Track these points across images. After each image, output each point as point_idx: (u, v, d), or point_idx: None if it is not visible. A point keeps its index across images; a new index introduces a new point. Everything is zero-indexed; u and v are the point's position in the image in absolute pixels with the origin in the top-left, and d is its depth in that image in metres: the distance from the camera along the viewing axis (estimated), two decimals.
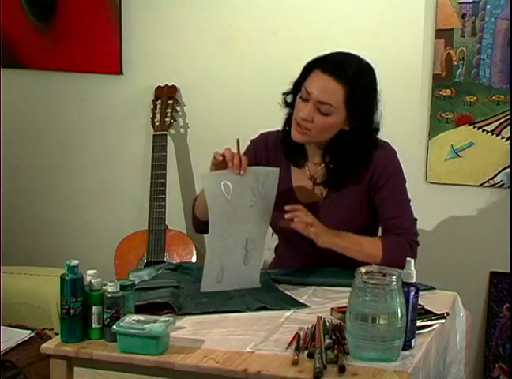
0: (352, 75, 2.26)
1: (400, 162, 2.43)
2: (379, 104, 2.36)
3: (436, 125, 3.14)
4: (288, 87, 2.39)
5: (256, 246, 2.26)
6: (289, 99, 2.40)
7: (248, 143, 2.50)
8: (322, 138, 2.34)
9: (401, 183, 2.42)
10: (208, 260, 2.22)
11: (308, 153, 2.43)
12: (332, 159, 2.37)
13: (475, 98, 3.08)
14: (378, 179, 2.36)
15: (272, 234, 2.61)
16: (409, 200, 2.43)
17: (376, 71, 2.35)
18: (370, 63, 2.35)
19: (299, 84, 2.33)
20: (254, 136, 2.53)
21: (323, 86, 2.26)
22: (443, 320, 2.06)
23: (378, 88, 2.35)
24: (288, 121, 2.41)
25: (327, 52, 2.34)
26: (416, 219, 2.42)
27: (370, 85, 2.33)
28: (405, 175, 2.46)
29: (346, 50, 2.35)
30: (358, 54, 2.35)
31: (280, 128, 2.46)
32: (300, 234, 2.39)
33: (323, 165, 2.41)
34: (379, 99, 2.35)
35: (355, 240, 2.31)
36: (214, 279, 2.23)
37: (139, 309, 1.96)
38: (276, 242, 2.62)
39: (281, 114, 2.44)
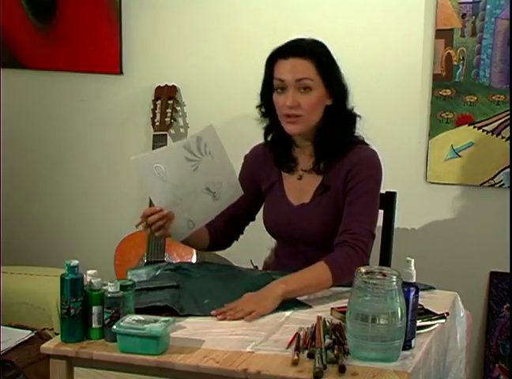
0: (310, 48, 2.33)
1: (381, 175, 2.39)
2: (343, 77, 2.40)
3: (436, 125, 3.14)
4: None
5: (224, 182, 2.28)
6: (264, 109, 2.44)
7: (244, 148, 2.56)
8: (314, 119, 2.36)
9: (369, 192, 2.35)
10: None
11: (298, 150, 2.45)
12: (322, 140, 2.38)
13: (475, 98, 3.08)
14: (350, 181, 2.34)
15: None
16: (372, 212, 2.36)
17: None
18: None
19: (267, 85, 2.39)
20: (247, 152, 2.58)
21: (293, 67, 2.32)
22: (443, 320, 2.06)
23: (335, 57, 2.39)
24: (267, 133, 2.47)
25: None
26: (370, 232, 2.32)
27: (329, 54, 2.38)
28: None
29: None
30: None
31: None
32: (299, 237, 2.40)
33: (314, 158, 2.42)
34: (341, 71, 2.40)
35: (301, 277, 2.20)
36: (185, 229, 2.28)
37: (139, 312, 1.95)
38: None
39: None
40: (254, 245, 2.61)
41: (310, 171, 2.42)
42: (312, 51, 2.32)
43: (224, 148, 2.27)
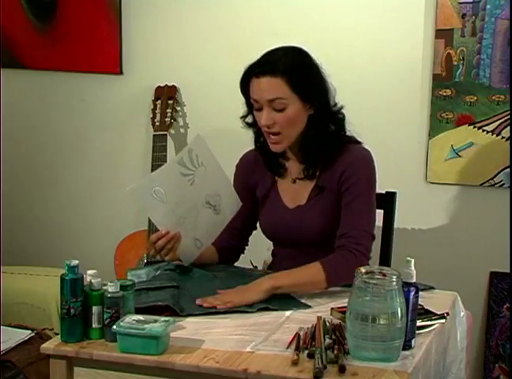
0: (282, 64, 2.27)
1: (376, 175, 2.37)
2: (326, 77, 2.35)
3: (436, 125, 3.14)
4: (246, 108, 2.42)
5: (222, 193, 2.30)
6: (249, 119, 2.43)
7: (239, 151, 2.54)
8: (295, 133, 2.33)
9: (366, 192, 2.34)
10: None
11: (289, 157, 2.43)
12: (308, 148, 2.36)
13: (475, 98, 3.08)
14: (344, 182, 2.34)
15: None
16: (370, 212, 2.35)
17: (306, 49, 2.35)
18: (298, 46, 2.36)
19: (248, 101, 2.37)
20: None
21: (264, 87, 2.27)
22: (443, 320, 2.06)
23: (317, 62, 2.34)
24: (257, 139, 2.46)
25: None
26: (369, 234, 2.31)
27: (304, 63, 2.33)
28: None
29: (276, 47, 2.36)
30: (285, 45, 2.36)
31: None
32: (298, 239, 2.41)
33: (304, 165, 2.41)
34: (323, 71, 2.35)
35: (292, 274, 2.22)
36: (193, 249, 2.28)
37: (139, 312, 1.95)
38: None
39: None
40: (254, 245, 2.61)
41: (303, 179, 2.41)
42: (285, 67, 2.26)
43: (215, 157, 2.28)
